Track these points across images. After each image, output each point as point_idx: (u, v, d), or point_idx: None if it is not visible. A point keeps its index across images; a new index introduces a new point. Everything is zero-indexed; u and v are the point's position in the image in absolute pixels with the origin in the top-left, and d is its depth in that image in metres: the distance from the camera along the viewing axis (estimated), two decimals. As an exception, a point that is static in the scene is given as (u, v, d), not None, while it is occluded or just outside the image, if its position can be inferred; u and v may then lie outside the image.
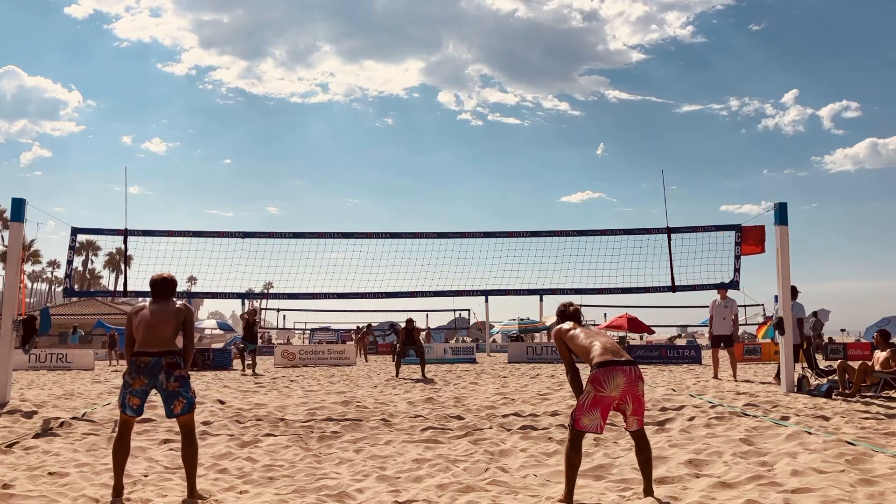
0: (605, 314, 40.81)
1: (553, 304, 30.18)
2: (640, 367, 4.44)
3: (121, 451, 4.48)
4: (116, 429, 4.57)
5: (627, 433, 6.87)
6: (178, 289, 4.99)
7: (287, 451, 6.21)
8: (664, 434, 6.83)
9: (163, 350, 4.49)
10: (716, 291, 13.00)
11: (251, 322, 18.77)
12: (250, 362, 18.00)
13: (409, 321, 16.73)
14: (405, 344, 16.39)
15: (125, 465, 4.55)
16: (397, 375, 15.55)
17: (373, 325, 33.18)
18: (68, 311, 45.47)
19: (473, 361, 22.37)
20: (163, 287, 4.75)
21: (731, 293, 13.04)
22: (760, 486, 4.59)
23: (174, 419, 4.57)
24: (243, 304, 33.12)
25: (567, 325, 4.70)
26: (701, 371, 16.63)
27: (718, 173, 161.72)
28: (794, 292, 11.22)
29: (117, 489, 4.46)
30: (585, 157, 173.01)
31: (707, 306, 13.99)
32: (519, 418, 8.16)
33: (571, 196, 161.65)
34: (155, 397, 4.93)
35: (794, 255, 11.17)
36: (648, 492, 4.41)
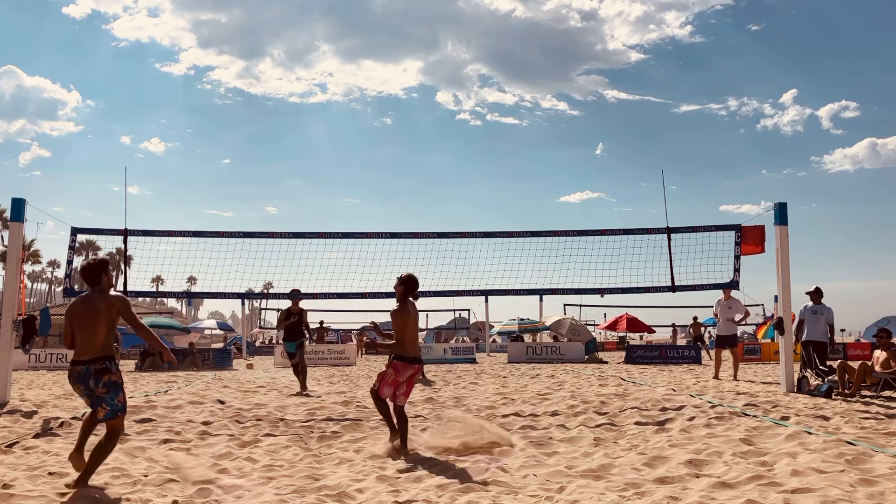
0: (605, 314, 40.97)
1: (553, 304, 30.19)
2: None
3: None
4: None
5: (626, 433, 6.94)
6: (178, 289, 5.08)
7: (287, 451, 6.21)
8: (664, 434, 6.83)
9: (93, 357, 4.63)
10: (721, 292, 13.02)
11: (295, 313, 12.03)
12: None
13: None
14: None
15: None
16: None
17: (324, 322, 29.96)
18: (68, 312, 45.36)
19: (473, 361, 22.37)
20: (85, 273, 4.86)
21: (734, 293, 13.06)
22: (760, 486, 4.59)
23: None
24: (243, 304, 33.20)
25: (404, 307, 5.92)
26: (701, 371, 16.64)
27: (717, 173, 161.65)
28: (819, 293, 11.08)
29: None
30: (584, 156, 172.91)
31: (709, 306, 14.04)
32: (519, 418, 8.16)
33: (571, 196, 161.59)
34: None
35: (794, 255, 11.17)
36: (404, 447, 5.77)
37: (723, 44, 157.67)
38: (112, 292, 4.84)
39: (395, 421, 6.01)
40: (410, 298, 6.08)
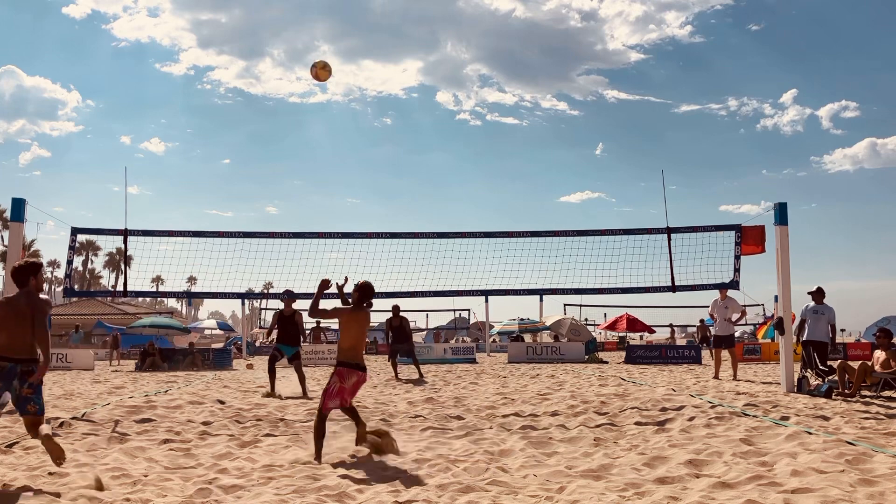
0: (605, 314, 40.96)
1: (553, 304, 30.24)
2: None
3: None
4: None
5: (626, 433, 6.94)
6: (179, 289, 5.13)
7: (287, 451, 6.21)
8: (664, 434, 6.83)
9: (21, 358, 4.83)
10: (718, 291, 13.02)
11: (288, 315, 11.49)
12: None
13: (396, 308, 14.72)
14: (396, 341, 14.87)
15: None
16: (396, 377, 14.59)
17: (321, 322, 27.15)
18: (68, 311, 45.48)
19: (473, 361, 22.36)
20: (15, 275, 4.99)
21: (731, 293, 13.06)
22: (760, 486, 4.59)
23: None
24: (243, 304, 33.16)
25: (352, 309, 6.04)
26: (701, 371, 16.64)
27: (717, 173, 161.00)
28: (821, 293, 11.05)
29: None
30: (584, 156, 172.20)
31: (707, 306, 14.02)
32: (519, 418, 8.16)
33: (570, 196, 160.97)
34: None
35: (794, 255, 11.17)
36: (363, 435, 5.91)
37: (723, 44, 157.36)
38: (42, 295, 5.06)
39: (322, 447, 5.95)
40: (365, 305, 6.15)
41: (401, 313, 15.06)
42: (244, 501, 4.47)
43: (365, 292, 6.09)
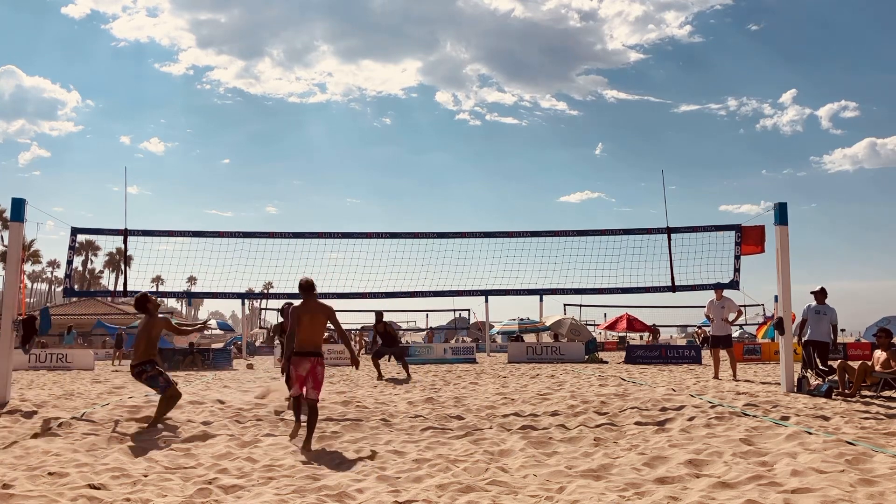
0: (605, 314, 40.99)
1: (553, 304, 30.26)
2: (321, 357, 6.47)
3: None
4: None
5: (626, 433, 6.95)
6: (179, 289, 5.20)
7: (287, 451, 6.21)
8: (664, 434, 6.83)
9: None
10: (713, 292, 13.03)
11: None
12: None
13: (379, 315, 15.54)
14: (384, 344, 15.41)
15: None
16: (379, 376, 14.69)
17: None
18: (68, 311, 45.54)
19: (473, 361, 22.36)
20: (136, 306, 7.83)
21: (728, 292, 13.05)
22: (760, 486, 4.59)
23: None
24: (243, 304, 33.18)
25: (299, 305, 6.55)
26: (701, 371, 16.64)
27: (717, 173, 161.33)
28: (824, 293, 11.05)
29: None
30: (584, 156, 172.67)
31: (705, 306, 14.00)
32: (519, 418, 8.16)
33: (570, 196, 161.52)
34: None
35: (794, 255, 11.17)
36: (307, 445, 6.21)
37: (722, 44, 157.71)
38: (160, 315, 7.82)
39: (299, 422, 6.62)
40: (315, 297, 6.72)
41: (384, 319, 15.75)
42: (244, 501, 4.47)
43: (301, 288, 6.64)
